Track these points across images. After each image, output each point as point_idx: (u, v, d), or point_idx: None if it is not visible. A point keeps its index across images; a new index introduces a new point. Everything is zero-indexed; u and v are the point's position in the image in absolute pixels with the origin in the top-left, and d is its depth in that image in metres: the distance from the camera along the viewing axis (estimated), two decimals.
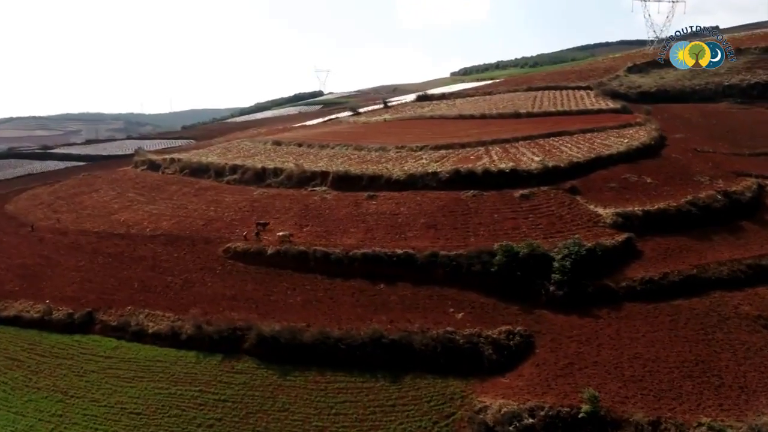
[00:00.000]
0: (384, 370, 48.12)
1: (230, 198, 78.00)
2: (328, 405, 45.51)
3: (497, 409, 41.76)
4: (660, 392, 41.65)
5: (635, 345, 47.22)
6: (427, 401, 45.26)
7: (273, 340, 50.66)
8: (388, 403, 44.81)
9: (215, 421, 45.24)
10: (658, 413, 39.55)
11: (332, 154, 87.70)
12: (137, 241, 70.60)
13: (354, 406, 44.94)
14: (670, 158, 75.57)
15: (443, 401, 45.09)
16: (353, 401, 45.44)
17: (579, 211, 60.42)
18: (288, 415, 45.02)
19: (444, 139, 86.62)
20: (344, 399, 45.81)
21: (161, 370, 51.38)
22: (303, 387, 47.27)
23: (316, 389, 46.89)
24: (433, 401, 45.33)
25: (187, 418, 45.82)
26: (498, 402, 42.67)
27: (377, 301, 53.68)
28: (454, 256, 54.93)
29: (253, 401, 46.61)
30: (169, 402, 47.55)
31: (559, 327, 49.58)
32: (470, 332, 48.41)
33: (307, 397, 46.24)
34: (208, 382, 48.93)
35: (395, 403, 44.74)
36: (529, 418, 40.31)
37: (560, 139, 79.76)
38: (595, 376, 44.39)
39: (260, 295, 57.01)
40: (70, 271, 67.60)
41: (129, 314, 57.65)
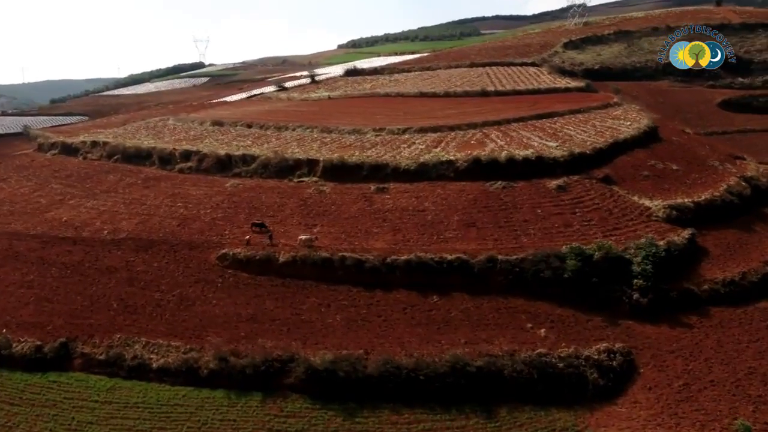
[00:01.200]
0: (471, 404, 40.74)
1: (197, 191, 66.61)
2: None
3: None
4: None
5: (744, 358, 43.04)
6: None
7: (327, 374, 41.40)
8: None
9: None
10: None
11: (298, 138, 77.84)
12: (96, 247, 58.13)
13: None
14: (672, 142, 72.66)
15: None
16: None
17: (625, 204, 55.32)
18: None
19: (425, 121, 79.12)
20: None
21: (185, 418, 41.42)
22: (378, 431, 38.55)
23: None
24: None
25: None
26: None
27: (437, 318, 45.98)
28: (515, 261, 48.16)
29: None
30: None
31: (653, 340, 44.27)
32: (567, 353, 41.61)
33: None
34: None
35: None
36: None
37: (554, 121, 74.74)
38: (721, 399, 39.72)
39: (287, 315, 47.58)
40: (16, 287, 54.57)
41: (120, 344, 46.63)
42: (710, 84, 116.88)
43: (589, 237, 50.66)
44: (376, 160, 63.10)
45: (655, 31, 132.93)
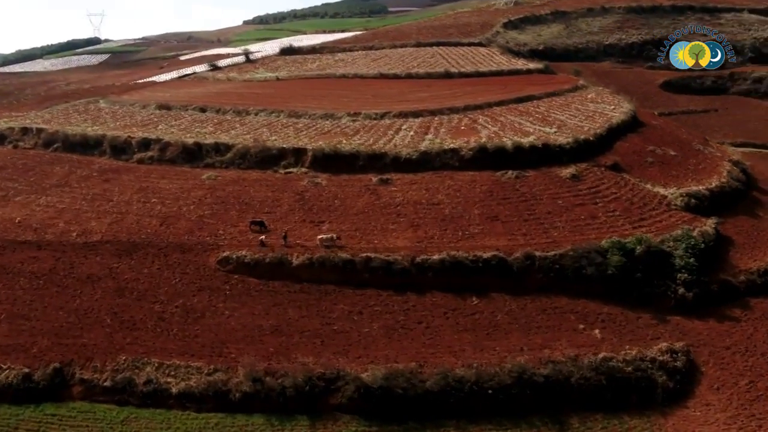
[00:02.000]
0: (538, 415, 37.98)
1: (169, 185, 60.20)
2: None
3: None
4: None
5: None
6: None
7: (382, 391, 37.42)
8: None
9: None
10: None
11: (266, 124, 72.34)
12: (68, 252, 51.15)
13: None
14: (653, 126, 72.64)
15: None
16: None
17: (642, 193, 54.23)
18: None
19: (400, 105, 75.38)
20: None
21: None
22: None
23: None
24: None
25: None
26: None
27: (482, 323, 43.02)
28: (554, 258, 45.84)
29: None
30: None
31: (706, 336, 43.22)
32: (632, 356, 39.60)
33: None
34: None
35: None
36: None
37: (536, 105, 73.04)
38: None
39: (316, 325, 43.14)
40: None
41: (127, 367, 40.80)
42: (649, 65, 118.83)
43: (618, 229, 48.86)
44: (372, 149, 58.87)
45: (591, 12, 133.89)
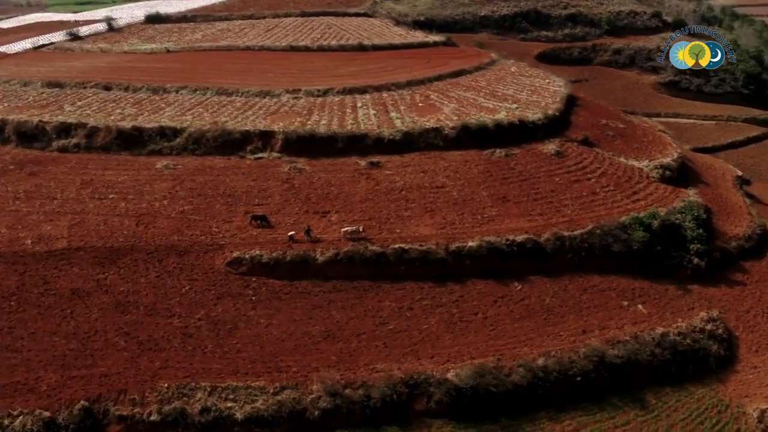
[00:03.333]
0: (616, 395, 39.11)
1: (119, 176, 53.34)
2: None
3: None
4: None
5: None
6: (699, 421, 37.98)
7: (471, 391, 36.40)
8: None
9: None
10: None
11: (196, 103, 66.02)
12: (31, 264, 43.73)
13: None
14: (585, 99, 75.59)
15: (715, 417, 38.35)
16: None
17: (621, 167, 57.10)
18: None
19: (335, 80, 72.04)
20: None
21: None
22: None
23: None
24: (704, 419, 38.25)
25: None
26: None
27: (535, 308, 43.06)
28: (581, 237, 46.64)
29: None
30: None
31: (726, 302, 46.99)
32: (685, 328, 41.87)
33: None
34: None
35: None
36: None
37: (473, 79, 73.38)
38: None
39: (370, 326, 40.81)
40: None
41: (173, 395, 35.98)
42: (521, 37, 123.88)
43: (620, 204, 50.77)
44: (351, 131, 55.72)
45: None
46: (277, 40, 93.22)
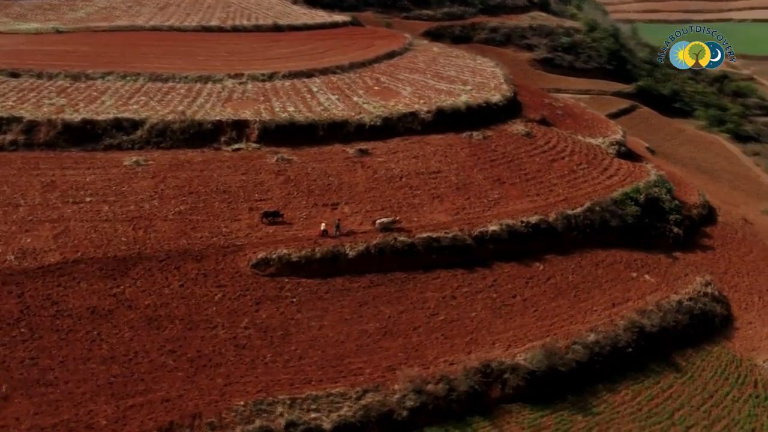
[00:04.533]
0: (653, 361, 42.90)
1: (84, 177, 47.83)
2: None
3: None
4: None
5: (760, 265, 52.92)
6: (724, 377, 42.69)
7: (543, 373, 38.34)
8: (699, 396, 40.77)
9: None
10: None
11: (135, 90, 60.27)
12: (26, 283, 38.41)
13: (684, 413, 39.42)
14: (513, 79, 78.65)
15: (735, 372, 43.20)
16: (676, 408, 39.60)
17: (584, 145, 60.59)
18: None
19: (273, 63, 69.31)
20: (667, 408, 39.44)
21: None
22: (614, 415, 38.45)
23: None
24: (728, 375, 43.02)
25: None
26: None
27: (563, 286, 45.62)
28: (584, 215, 49.52)
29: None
30: None
31: (706, 266, 51.93)
32: (692, 294, 46.25)
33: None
34: None
35: (703, 391, 41.14)
36: None
37: (409, 61, 73.69)
38: None
39: (422, 319, 41.13)
40: None
41: (252, 413, 34.03)
42: (405, 15, 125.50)
43: (599, 181, 54.05)
44: (331, 118, 54.09)
45: None
46: (180, 19, 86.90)
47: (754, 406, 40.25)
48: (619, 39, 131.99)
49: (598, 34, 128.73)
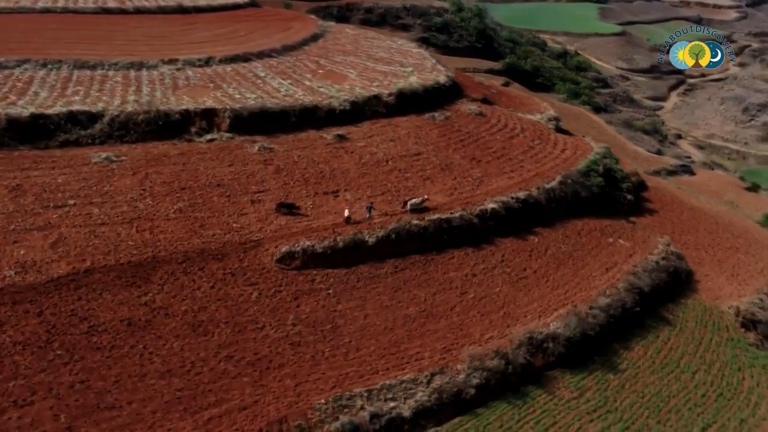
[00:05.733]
0: (649, 317, 47.48)
1: (53, 178, 42.97)
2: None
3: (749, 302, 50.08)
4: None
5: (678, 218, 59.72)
6: (703, 324, 48.51)
7: (577, 339, 41.84)
8: (692, 344, 45.96)
9: None
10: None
11: (64, 79, 55.51)
12: (41, 300, 34.65)
13: (687, 360, 44.61)
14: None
15: (709, 319, 49.28)
16: (679, 357, 44.65)
17: (528, 122, 64.03)
18: None
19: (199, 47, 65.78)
20: (673, 358, 44.28)
21: None
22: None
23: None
24: (706, 322, 48.90)
25: None
26: (745, 299, 50.48)
27: (560, 256, 48.69)
28: (558, 188, 53.15)
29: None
30: None
31: (657, 227, 57.69)
32: (665, 253, 51.49)
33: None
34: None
35: (693, 340, 46.50)
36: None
37: (335, 43, 72.96)
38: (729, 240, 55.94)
39: (455, 298, 42.33)
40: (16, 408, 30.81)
41: (334, 410, 34.05)
42: None
43: (556, 155, 57.75)
44: (302, 104, 53.21)
45: None
46: (73, 0, 79.19)
47: (734, 348, 45.45)
48: (483, 18, 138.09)
49: (466, 14, 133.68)
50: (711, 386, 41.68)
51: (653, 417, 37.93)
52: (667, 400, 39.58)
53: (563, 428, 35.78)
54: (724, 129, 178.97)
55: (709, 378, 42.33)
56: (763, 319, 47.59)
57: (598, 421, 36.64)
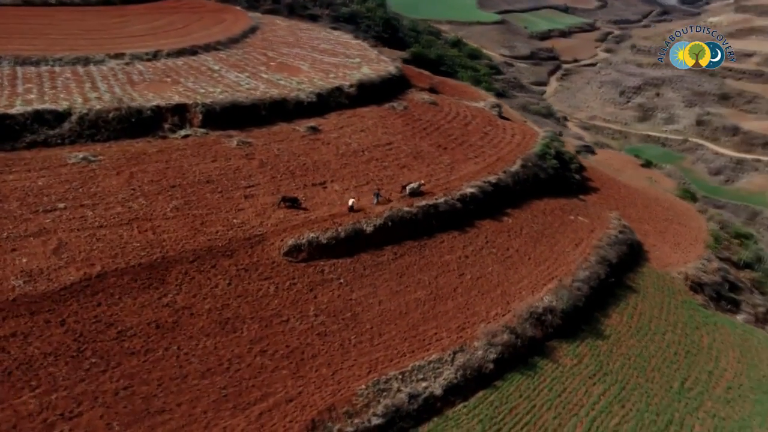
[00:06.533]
0: (616, 287, 51.98)
1: (31, 181, 40.72)
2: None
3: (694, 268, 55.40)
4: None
5: (623, 188, 65.46)
6: (659, 289, 53.79)
7: (569, 309, 45.72)
8: (657, 308, 50.49)
9: None
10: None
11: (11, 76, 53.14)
12: (61, 309, 33.25)
13: (656, 323, 49.05)
14: None
15: (663, 284, 54.58)
16: (650, 320, 48.96)
17: (476, 109, 67.21)
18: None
19: (142, 41, 64.25)
20: (644, 321, 48.65)
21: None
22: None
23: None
24: (661, 287, 54.24)
25: None
26: (690, 265, 55.84)
27: (533, 234, 51.53)
28: (521, 171, 56.54)
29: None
30: None
31: (604, 204, 62.34)
32: (623, 227, 56.17)
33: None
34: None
35: (657, 304, 51.13)
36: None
37: (274, 35, 72.90)
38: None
39: (455, 280, 44.25)
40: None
41: (375, 394, 35.50)
42: None
43: (509, 140, 60.94)
44: (271, 97, 53.41)
45: None
46: None
47: (688, 309, 50.35)
48: (386, 8, 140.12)
49: (370, 4, 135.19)
50: (679, 345, 45.83)
51: (641, 376, 41.45)
52: (649, 360, 43.22)
53: (572, 392, 38.41)
54: (604, 110, 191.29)
55: (676, 338, 46.52)
56: (708, 282, 52.45)
57: (599, 383, 39.61)
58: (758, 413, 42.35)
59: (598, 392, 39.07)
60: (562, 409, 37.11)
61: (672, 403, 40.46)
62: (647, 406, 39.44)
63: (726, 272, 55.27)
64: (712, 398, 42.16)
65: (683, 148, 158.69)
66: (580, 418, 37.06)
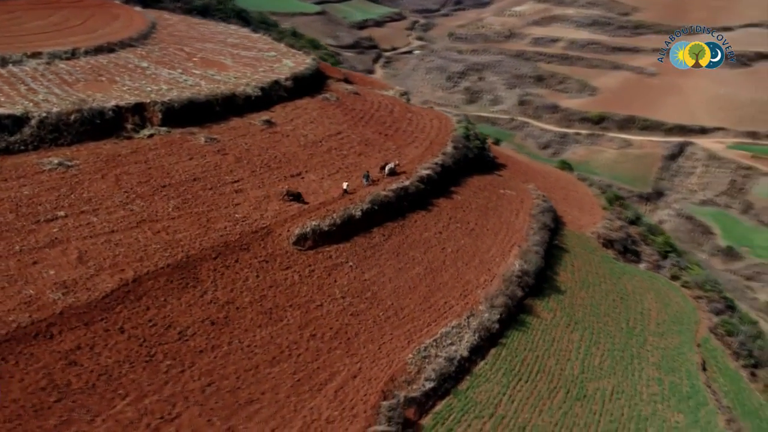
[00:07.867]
0: (553, 249, 59.91)
1: (13, 191, 39.16)
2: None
3: (602, 227, 64.81)
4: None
5: (522, 164, 74.22)
6: (584, 248, 62.72)
7: (530, 273, 52.42)
8: (589, 263, 58.44)
9: None
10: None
11: None
12: (113, 316, 33.83)
13: (593, 276, 57.22)
14: None
15: (587, 243, 63.53)
16: (589, 274, 56.92)
17: (392, 98, 72.03)
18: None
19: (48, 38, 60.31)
20: (588, 275, 56.14)
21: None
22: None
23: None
24: (585, 245, 63.06)
25: None
26: (598, 225, 65.41)
27: (482, 209, 56.28)
28: (455, 152, 61.99)
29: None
30: None
31: (516, 177, 69.97)
32: (543, 197, 64.05)
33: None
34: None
35: (585, 259, 59.11)
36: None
37: (179, 31, 71.34)
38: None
39: (439, 254, 48.40)
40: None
41: (421, 360, 39.53)
42: None
43: (430, 125, 66.09)
44: (222, 93, 54.15)
45: None
46: None
47: (608, 262, 58.61)
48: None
49: None
50: (613, 293, 53.55)
51: (600, 321, 48.37)
52: (599, 307, 50.35)
53: (558, 341, 44.31)
54: (435, 95, 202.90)
55: (609, 287, 54.22)
56: (616, 238, 61.01)
57: (575, 331, 45.90)
58: (685, 342, 50.70)
59: (576, 339, 44.95)
60: (559, 356, 42.55)
61: (628, 341, 47.48)
62: (613, 345, 46.08)
63: (627, 229, 64.09)
64: (651, 333, 49.90)
65: (511, 126, 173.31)
66: (573, 361, 42.66)
